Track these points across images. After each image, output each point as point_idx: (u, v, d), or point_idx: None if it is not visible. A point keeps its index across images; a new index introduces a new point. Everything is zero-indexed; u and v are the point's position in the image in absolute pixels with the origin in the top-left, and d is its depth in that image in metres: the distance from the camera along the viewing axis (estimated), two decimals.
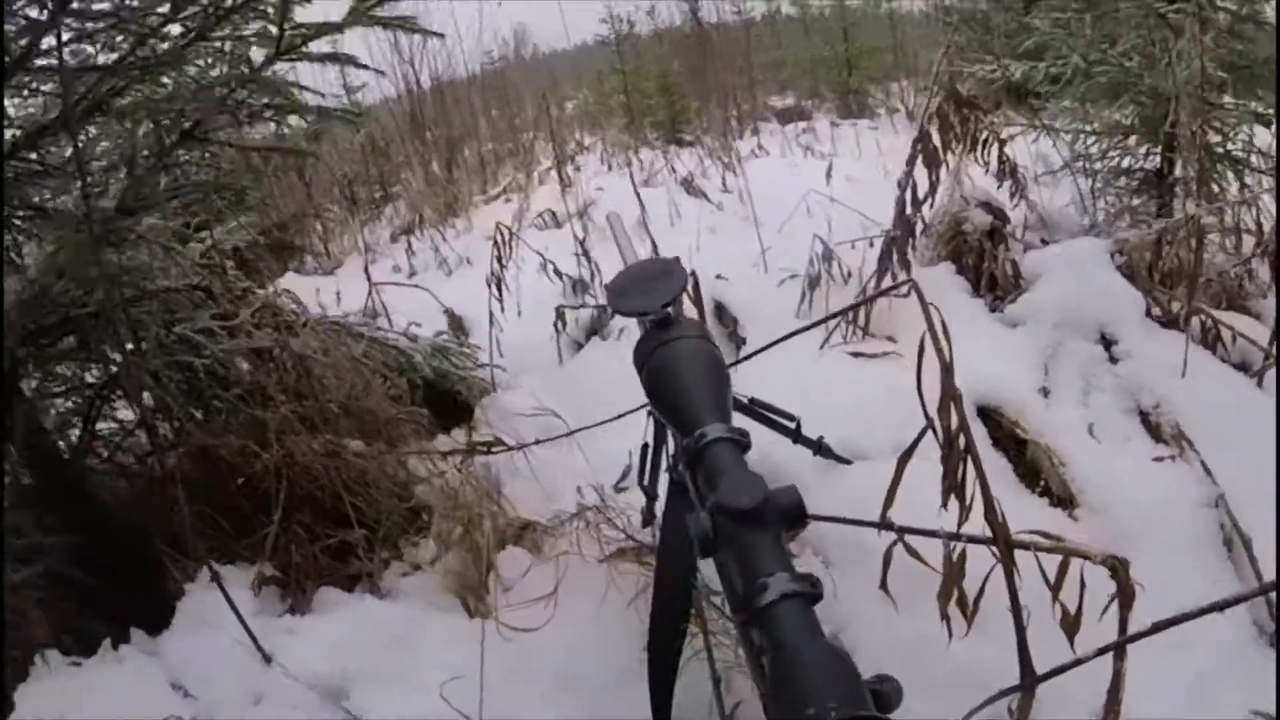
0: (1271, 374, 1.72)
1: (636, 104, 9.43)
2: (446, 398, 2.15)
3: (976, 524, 1.13)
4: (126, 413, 1.74)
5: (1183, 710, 1.19)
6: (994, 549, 1.11)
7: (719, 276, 2.68)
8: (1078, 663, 1.03)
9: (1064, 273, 1.89)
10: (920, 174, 1.97)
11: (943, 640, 1.17)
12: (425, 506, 1.72)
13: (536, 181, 6.41)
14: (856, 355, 1.92)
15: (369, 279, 2.71)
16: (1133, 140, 2.54)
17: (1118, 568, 1.10)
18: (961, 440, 1.15)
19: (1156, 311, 1.86)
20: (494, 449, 1.80)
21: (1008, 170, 2.17)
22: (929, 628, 1.19)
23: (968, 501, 1.16)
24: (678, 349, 1.00)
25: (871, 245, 2.92)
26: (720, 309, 2.45)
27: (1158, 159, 2.47)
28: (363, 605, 1.50)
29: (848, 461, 1.52)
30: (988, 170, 2.21)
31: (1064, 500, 1.57)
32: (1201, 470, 1.55)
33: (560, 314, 2.55)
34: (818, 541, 1.51)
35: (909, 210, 1.97)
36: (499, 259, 2.51)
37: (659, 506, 1.29)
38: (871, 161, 5.18)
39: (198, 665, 1.38)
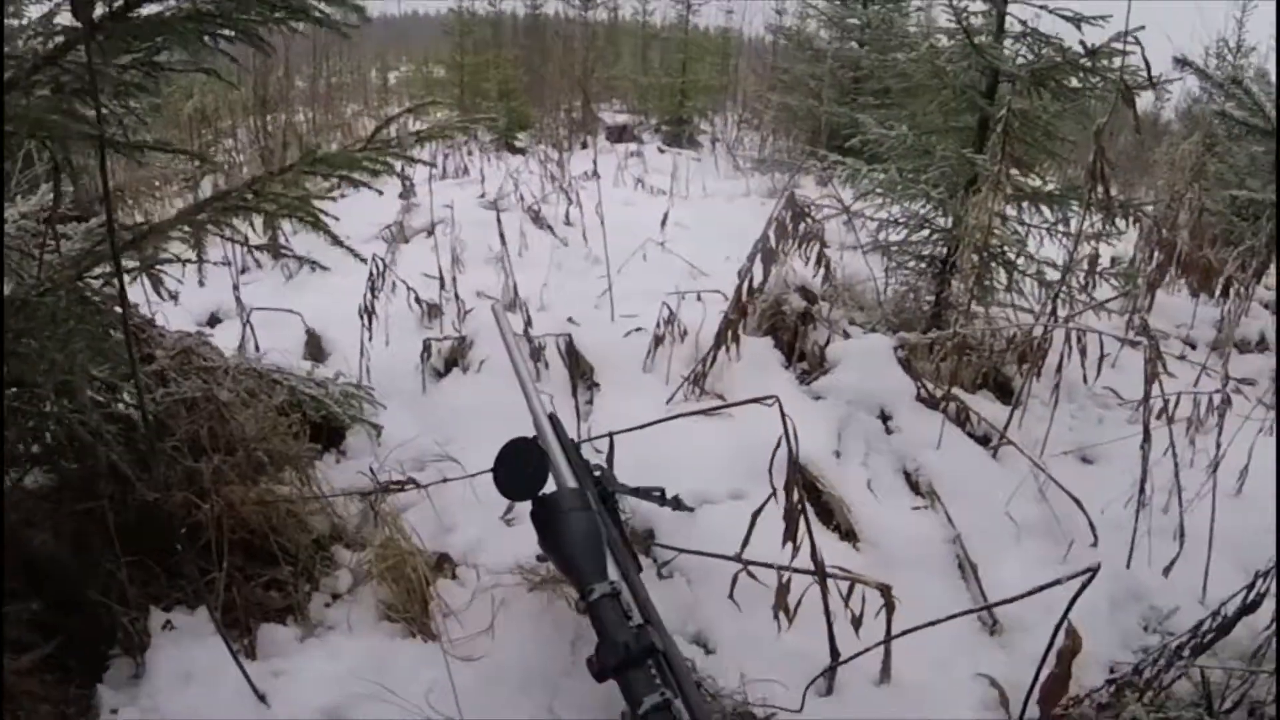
0: (1006, 449, 2.30)
1: (470, 101, 9.57)
2: (326, 424, 2.27)
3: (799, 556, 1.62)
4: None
5: (931, 674, 1.69)
6: (814, 577, 1.59)
7: (570, 320, 3.05)
8: (865, 650, 1.59)
9: (857, 361, 2.42)
10: (758, 267, 2.40)
11: (774, 633, 1.65)
12: (323, 537, 1.92)
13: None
14: (696, 413, 2.33)
15: (240, 303, 2.82)
16: (925, 232, 3.16)
17: (885, 591, 1.60)
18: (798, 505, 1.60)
19: (924, 395, 2.40)
20: (405, 487, 2.05)
21: (824, 264, 2.66)
22: (765, 625, 1.68)
23: (798, 543, 1.61)
24: (566, 522, 1.45)
25: (700, 299, 3.40)
26: (574, 354, 2.79)
27: (944, 249, 3.10)
28: (327, 640, 1.68)
29: (691, 509, 1.98)
30: (807, 263, 2.70)
31: (850, 535, 2.05)
32: (945, 517, 2.09)
33: (427, 346, 2.79)
34: (683, 568, 1.92)
35: (745, 298, 2.40)
36: (373, 289, 2.74)
37: None
38: (697, 203, 5.72)
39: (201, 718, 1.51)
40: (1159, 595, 1.96)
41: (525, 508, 1.82)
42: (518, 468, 1.53)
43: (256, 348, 2.68)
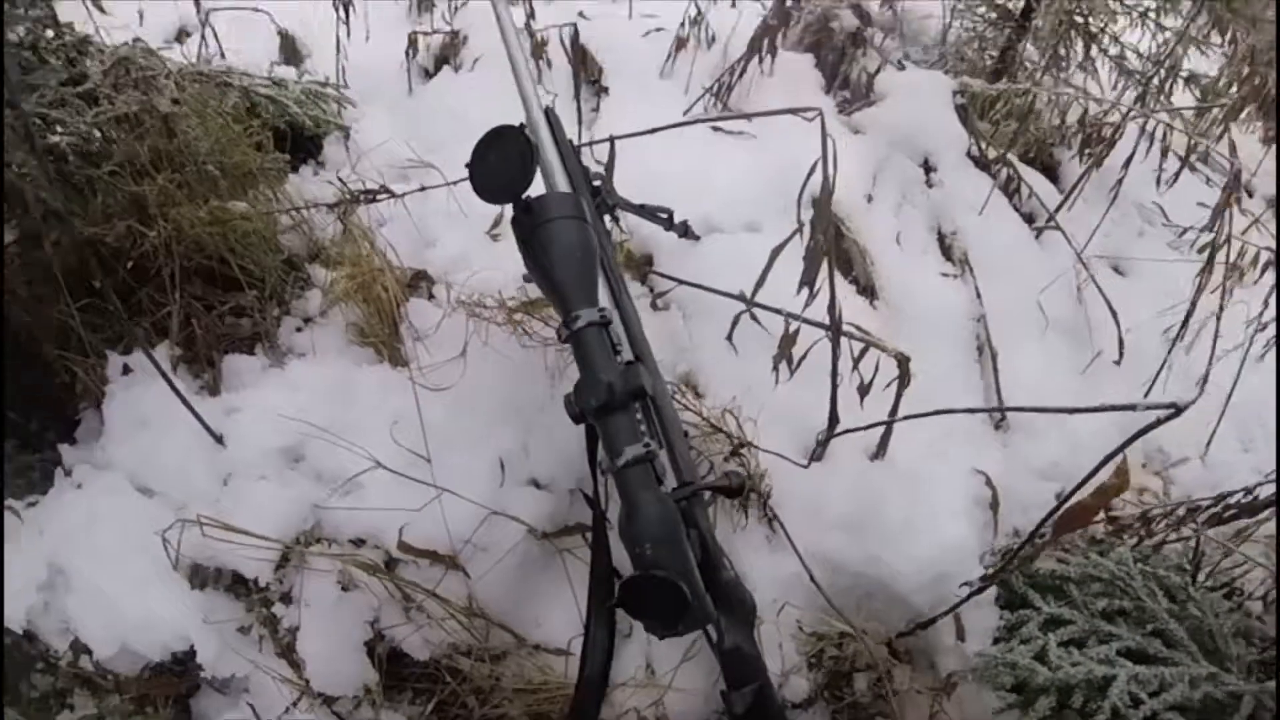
0: (1050, 235, 1.99)
1: None
2: (291, 131, 1.99)
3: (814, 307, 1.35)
4: None
5: (927, 457, 1.51)
6: (827, 331, 1.34)
7: (581, 14, 2.60)
8: (867, 427, 1.39)
9: (909, 98, 2.03)
10: None
11: (771, 384, 1.43)
12: (296, 256, 1.73)
13: None
14: (716, 130, 1.98)
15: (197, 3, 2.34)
16: None
17: (902, 361, 1.35)
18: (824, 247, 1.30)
19: (975, 153, 2.05)
20: (378, 197, 1.76)
21: None
22: (762, 374, 1.45)
23: (815, 290, 1.34)
24: (553, 232, 1.18)
25: (734, 5, 2.94)
26: (584, 54, 2.38)
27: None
28: (289, 370, 1.57)
29: (698, 237, 1.71)
30: None
31: (868, 290, 1.78)
32: (975, 291, 1.82)
33: (413, 40, 2.37)
34: (680, 301, 1.68)
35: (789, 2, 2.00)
36: None
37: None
38: None
39: (155, 465, 1.45)
40: (1166, 438, 1.79)
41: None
42: (499, 162, 1.20)
43: (222, 55, 2.24)
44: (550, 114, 1.41)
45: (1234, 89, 2.89)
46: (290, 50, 2.56)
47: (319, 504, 1.41)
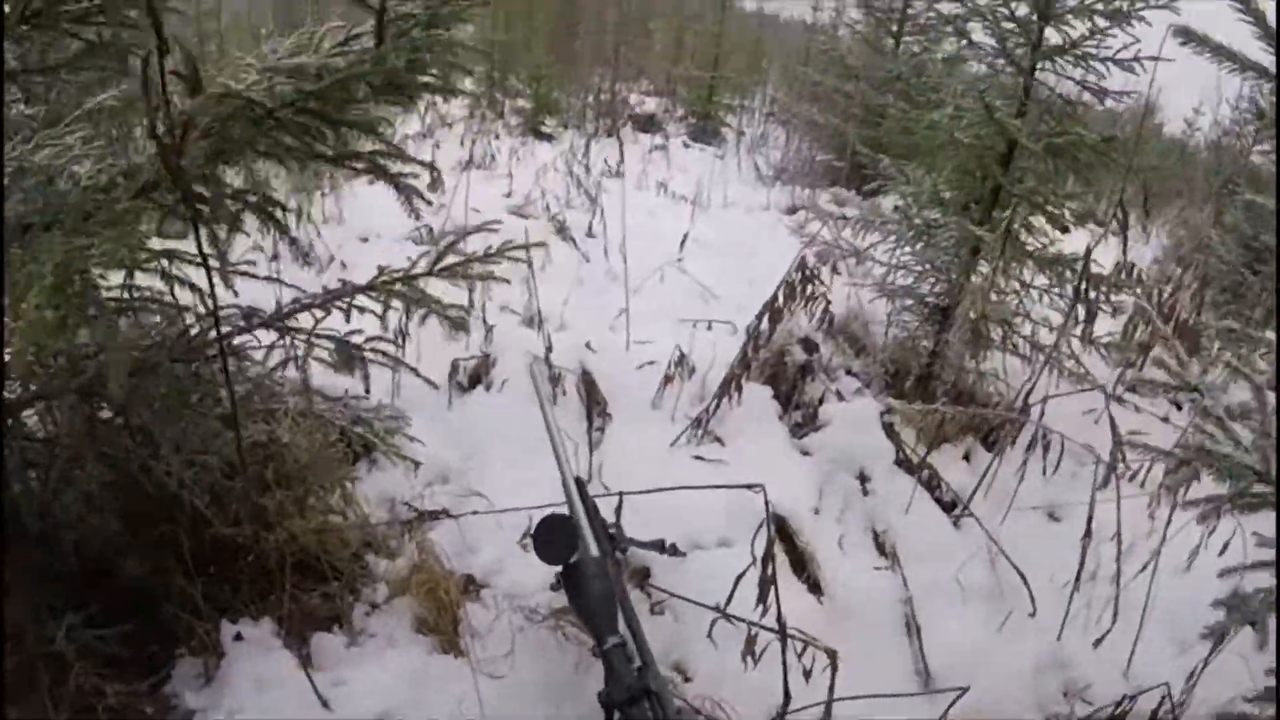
0: (969, 515, 2.56)
1: (500, 81, 9.75)
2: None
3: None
4: None
5: None
6: (776, 634, 1.87)
7: (588, 345, 3.30)
8: (810, 706, 1.88)
9: (846, 424, 2.68)
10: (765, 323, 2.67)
11: (742, 670, 1.94)
12: (360, 548, 2.20)
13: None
14: (697, 459, 2.60)
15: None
16: (929, 283, 3.42)
17: (831, 655, 1.87)
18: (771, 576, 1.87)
19: (902, 458, 2.66)
20: (440, 517, 2.34)
21: (827, 321, 2.92)
22: (734, 661, 1.95)
23: (768, 605, 1.90)
24: (591, 586, 1.76)
25: (710, 328, 3.67)
26: (590, 383, 3.05)
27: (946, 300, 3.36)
28: (372, 651, 1.98)
29: (683, 554, 2.27)
30: (811, 319, 2.95)
31: (816, 588, 2.32)
32: (901, 579, 2.35)
33: (455, 365, 3.05)
34: (672, 606, 2.19)
35: (749, 353, 2.66)
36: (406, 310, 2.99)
37: None
38: (717, 214, 5.95)
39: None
40: (1086, 666, 2.19)
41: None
42: (553, 538, 1.84)
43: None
44: (580, 484, 2.03)
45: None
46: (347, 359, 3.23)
47: None
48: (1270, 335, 3.86)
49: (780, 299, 2.70)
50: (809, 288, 2.80)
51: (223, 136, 1.25)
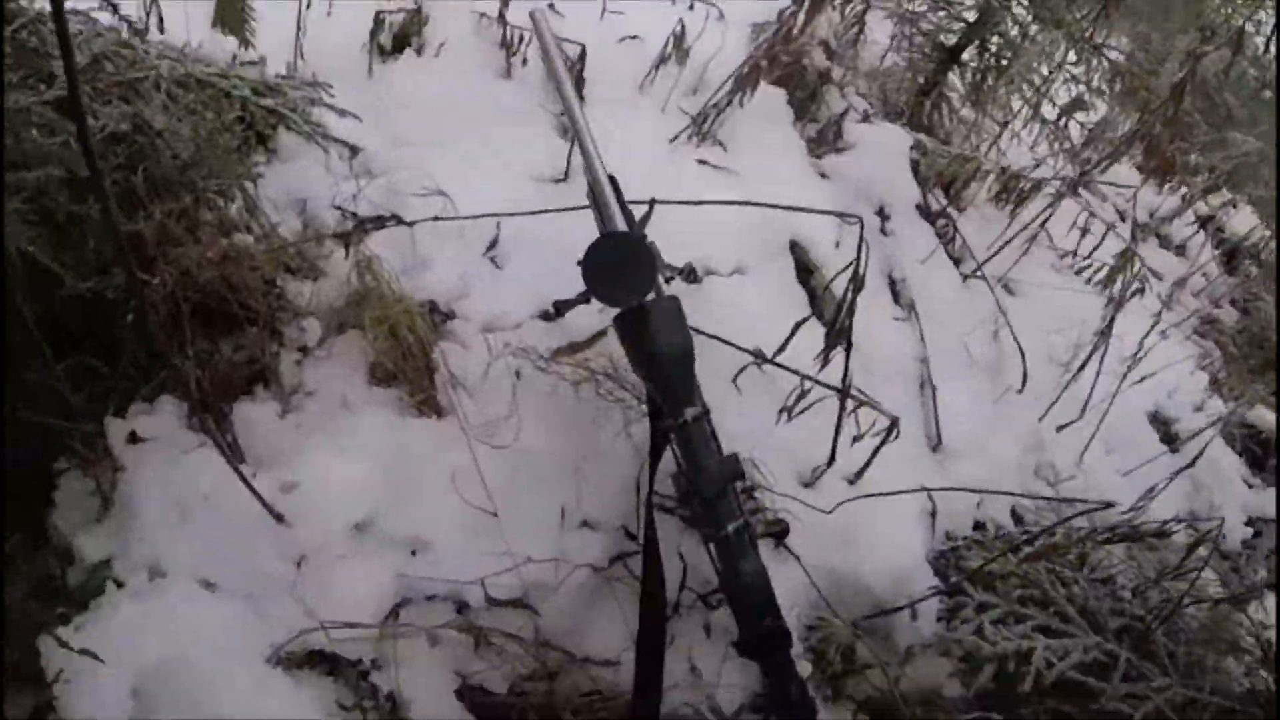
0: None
1: None
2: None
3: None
4: None
5: (887, 479, 1.78)
6: (835, 392, 1.64)
7: (551, 5, 2.61)
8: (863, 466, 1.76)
9: (871, 151, 2.29)
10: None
11: (771, 424, 1.72)
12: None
13: None
14: (701, 163, 2.15)
15: None
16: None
17: (894, 422, 1.66)
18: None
19: (923, 203, 2.35)
20: (387, 223, 1.72)
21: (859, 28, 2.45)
22: (762, 414, 1.73)
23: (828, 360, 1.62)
24: (667, 339, 1.37)
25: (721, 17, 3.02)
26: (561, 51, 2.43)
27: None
28: (318, 423, 1.49)
29: (699, 280, 1.89)
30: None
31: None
32: (919, 335, 2.13)
33: (379, 18, 2.22)
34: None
35: (775, 43, 2.18)
36: None
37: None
38: None
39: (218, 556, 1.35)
40: (1056, 452, 2.16)
41: (513, 243, 1.78)
42: (619, 267, 1.37)
43: (161, 28, 1.91)
44: (614, 182, 1.55)
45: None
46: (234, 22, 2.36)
47: (401, 572, 1.43)
48: None
49: None
50: None
51: None
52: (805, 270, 2.08)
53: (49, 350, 1.29)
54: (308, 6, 2.06)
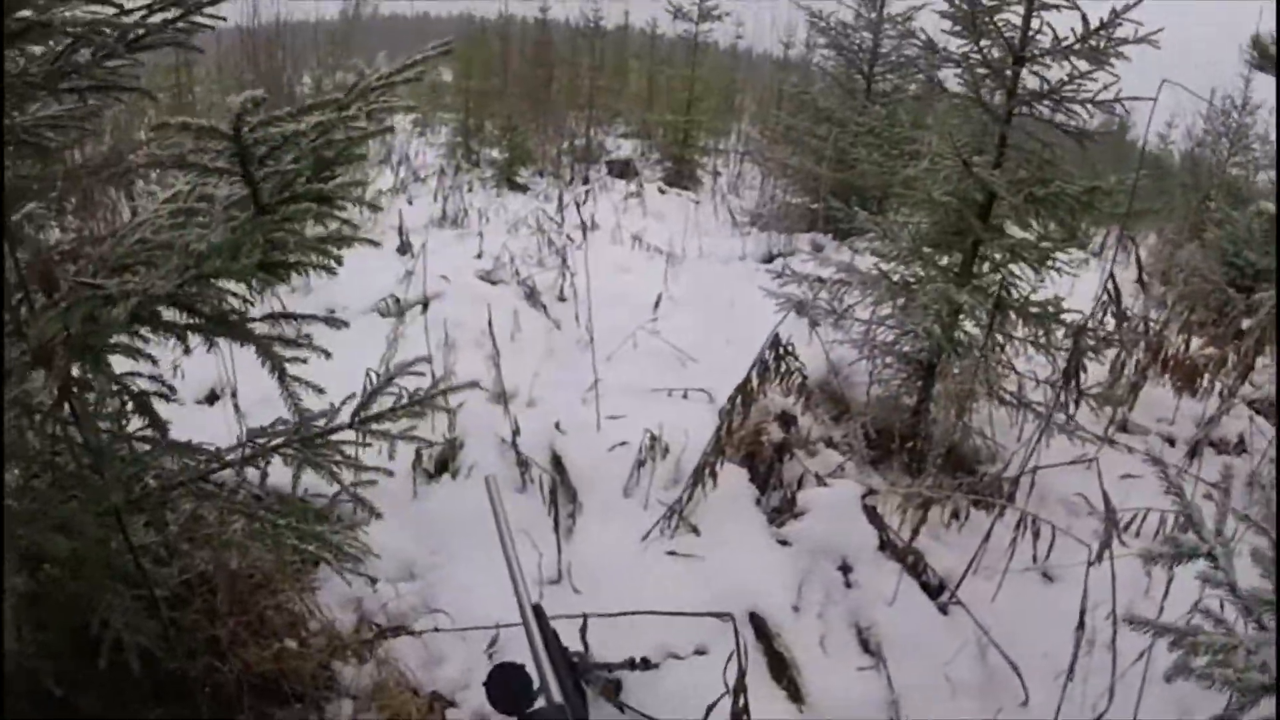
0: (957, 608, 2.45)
1: (474, 127, 9.73)
2: None
3: None
4: None
5: None
6: None
7: (557, 426, 3.18)
8: None
9: (826, 511, 2.57)
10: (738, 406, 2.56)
11: None
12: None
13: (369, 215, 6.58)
14: (671, 554, 2.48)
15: (235, 404, 2.89)
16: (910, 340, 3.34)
17: None
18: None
19: (886, 541, 2.55)
20: (402, 633, 2.21)
21: (803, 396, 2.81)
22: None
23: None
24: None
25: (686, 396, 3.55)
26: (559, 465, 2.93)
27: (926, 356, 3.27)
28: None
29: (656, 665, 2.11)
30: (787, 394, 2.84)
31: (796, 696, 2.19)
32: (887, 680, 2.23)
33: (418, 454, 2.91)
34: None
35: (723, 438, 2.55)
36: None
37: None
38: (693, 267, 5.86)
39: None
40: None
41: (508, 643, 2.12)
42: (508, 689, 1.69)
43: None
44: (539, 612, 1.89)
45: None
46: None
47: None
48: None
49: (754, 380, 2.59)
50: (783, 364, 2.70)
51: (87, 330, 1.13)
52: (765, 637, 2.28)
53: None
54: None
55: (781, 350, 2.67)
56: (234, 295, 1.47)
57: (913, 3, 6.49)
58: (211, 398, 3.45)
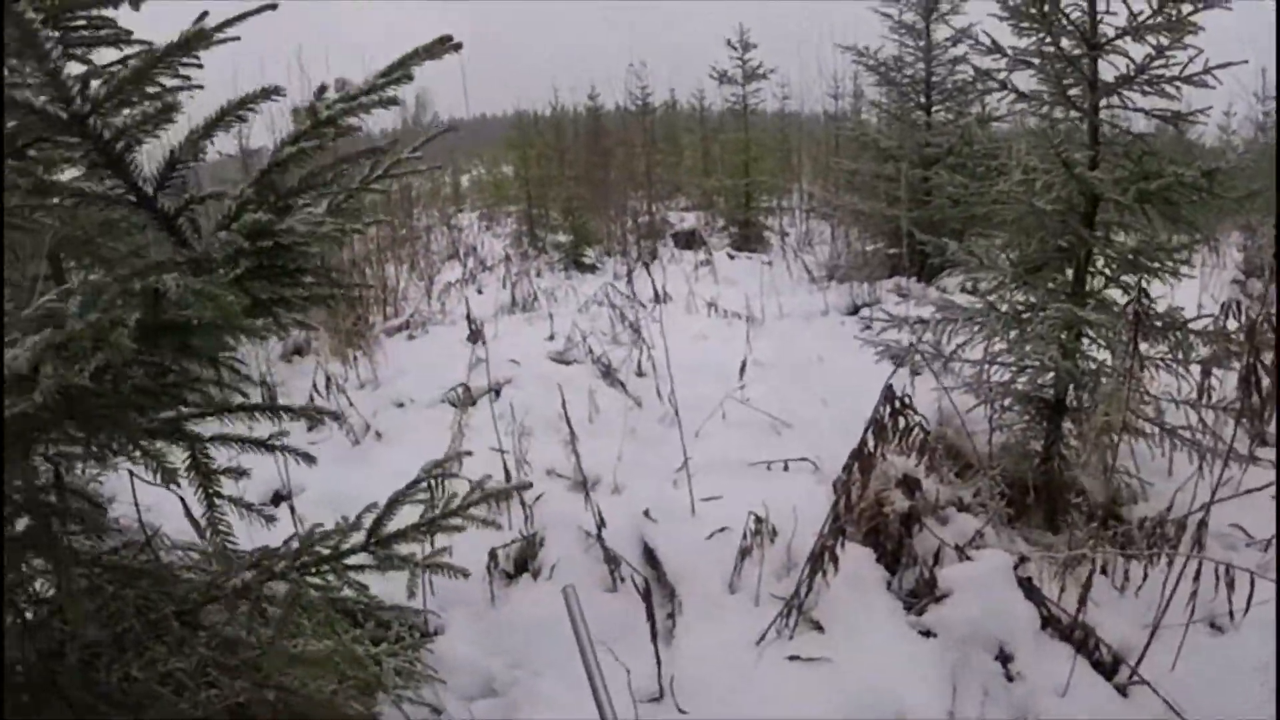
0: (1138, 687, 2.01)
1: (537, 215, 9.71)
2: None
3: None
4: None
5: None
6: None
7: (647, 513, 2.85)
8: None
9: (973, 589, 2.15)
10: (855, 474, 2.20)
11: None
12: None
13: (438, 305, 6.48)
14: (793, 659, 2.10)
15: (291, 503, 2.68)
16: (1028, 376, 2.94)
17: None
18: None
19: (1048, 616, 2.13)
20: None
21: (926, 454, 2.43)
22: None
23: None
24: None
25: (786, 468, 3.20)
26: (653, 558, 2.60)
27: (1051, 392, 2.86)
28: None
29: None
30: (907, 454, 2.47)
31: None
32: None
33: (494, 554, 2.62)
34: None
35: (842, 513, 2.19)
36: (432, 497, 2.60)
37: None
38: (774, 328, 5.53)
39: None
40: None
41: None
42: None
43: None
44: None
45: None
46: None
47: None
48: None
49: (870, 442, 2.23)
50: (900, 420, 2.34)
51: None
52: None
53: None
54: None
55: (897, 403, 2.31)
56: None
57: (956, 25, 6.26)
58: (277, 499, 3.20)
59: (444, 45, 0.88)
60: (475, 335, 5.22)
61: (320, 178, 1.01)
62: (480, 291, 7.22)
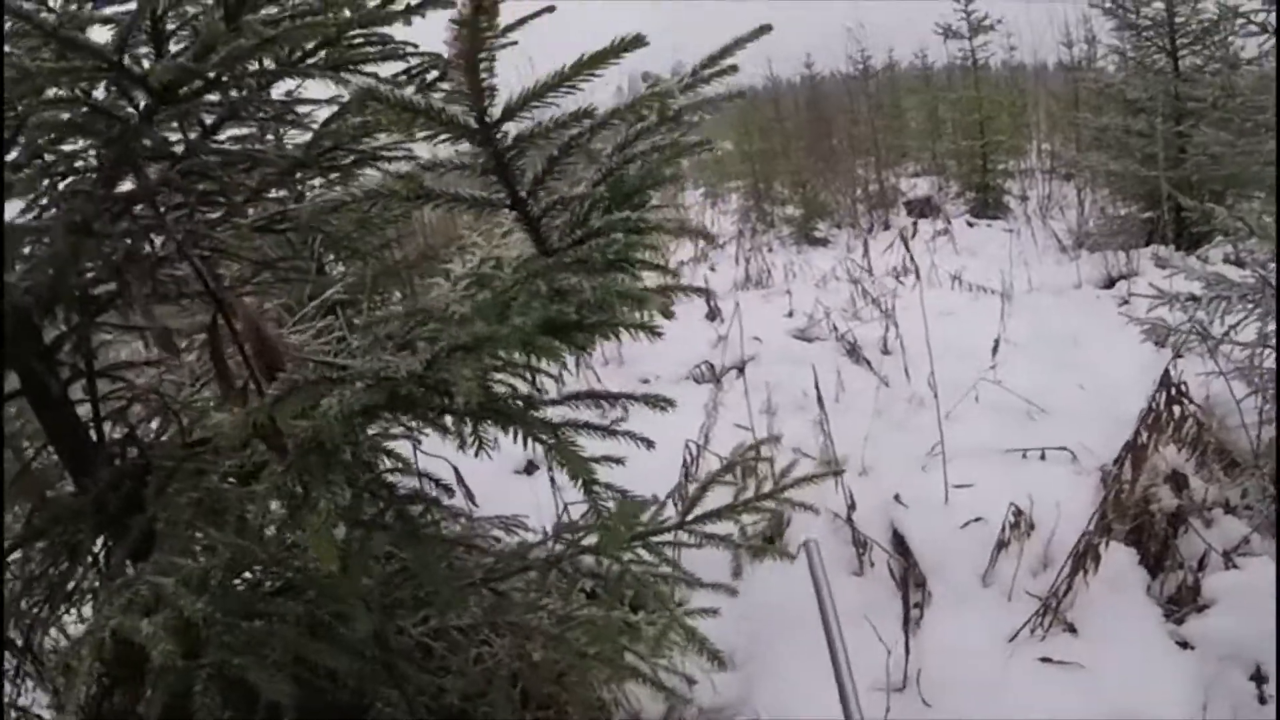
0: None
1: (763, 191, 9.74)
2: None
3: None
4: None
5: None
6: None
7: (897, 498, 2.92)
8: None
9: (1235, 601, 2.09)
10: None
11: None
12: None
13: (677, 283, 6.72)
14: (1044, 660, 2.12)
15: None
16: None
17: None
18: None
19: None
20: None
21: (1197, 448, 2.35)
22: None
23: None
24: None
25: (1044, 457, 3.14)
26: (902, 544, 2.67)
27: None
28: None
29: None
30: (1180, 450, 2.40)
31: None
32: None
33: (742, 529, 2.73)
34: None
35: (1109, 510, 2.18)
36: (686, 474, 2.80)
37: None
38: (1023, 302, 5.28)
39: None
40: None
41: None
42: None
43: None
44: None
45: None
46: None
47: None
48: None
49: (1144, 434, 2.20)
50: (1176, 409, 2.27)
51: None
52: None
53: None
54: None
55: (1173, 392, 2.25)
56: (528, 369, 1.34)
57: None
58: (530, 468, 3.47)
59: (761, 32, 0.98)
60: (714, 313, 5.43)
61: (659, 174, 1.02)
62: (713, 269, 7.41)
